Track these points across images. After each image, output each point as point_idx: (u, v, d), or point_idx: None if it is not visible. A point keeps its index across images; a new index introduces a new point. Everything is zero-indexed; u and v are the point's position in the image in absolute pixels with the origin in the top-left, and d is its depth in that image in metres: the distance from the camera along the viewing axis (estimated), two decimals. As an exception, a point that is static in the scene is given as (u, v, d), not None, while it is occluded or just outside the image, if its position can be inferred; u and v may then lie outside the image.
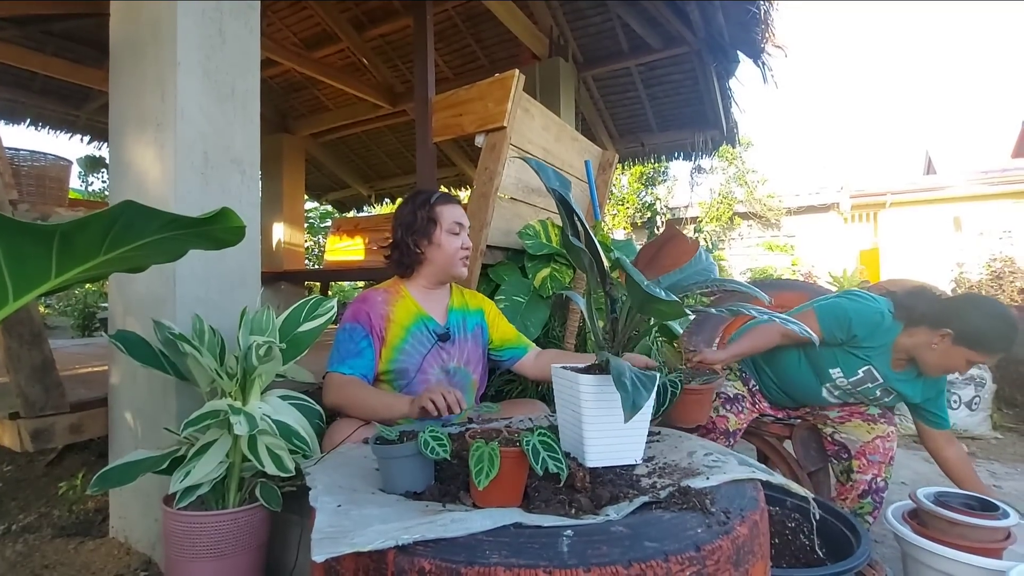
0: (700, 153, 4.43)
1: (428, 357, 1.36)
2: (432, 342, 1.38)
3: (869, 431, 1.58)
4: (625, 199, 10.69)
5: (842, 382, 1.56)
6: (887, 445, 1.54)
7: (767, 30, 2.88)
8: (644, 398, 0.71)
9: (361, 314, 1.32)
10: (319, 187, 6.74)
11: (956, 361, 1.41)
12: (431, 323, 1.39)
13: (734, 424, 1.67)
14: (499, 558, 0.62)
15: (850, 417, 1.64)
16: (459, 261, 1.42)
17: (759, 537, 0.75)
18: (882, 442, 1.55)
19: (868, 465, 1.54)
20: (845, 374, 1.54)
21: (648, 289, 0.77)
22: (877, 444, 1.55)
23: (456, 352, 1.41)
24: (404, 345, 1.34)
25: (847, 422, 1.64)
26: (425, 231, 1.39)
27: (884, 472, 1.54)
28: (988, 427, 3.09)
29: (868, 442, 1.56)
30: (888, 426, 1.58)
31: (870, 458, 1.55)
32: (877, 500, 1.54)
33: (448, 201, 1.45)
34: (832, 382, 1.58)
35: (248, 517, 1.16)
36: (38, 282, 0.74)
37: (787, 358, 1.65)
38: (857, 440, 1.59)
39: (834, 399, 1.63)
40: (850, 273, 6.24)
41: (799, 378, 1.64)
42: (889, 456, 1.54)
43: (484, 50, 4.12)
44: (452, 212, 1.43)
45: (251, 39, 1.51)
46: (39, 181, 1.86)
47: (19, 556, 1.44)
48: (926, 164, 13.31)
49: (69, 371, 1.91)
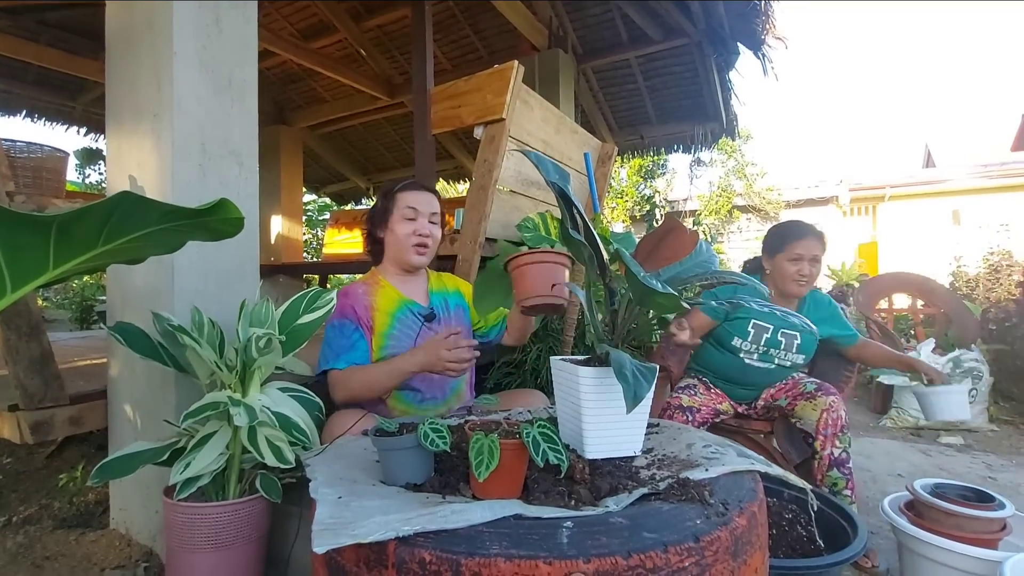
0: (699, 146, 4.42)
1: (418, 339, 1.37)
2: (419, 324, 1.39)
3: (814, 408, 1.65)
4: (624, 192, 10.67)
5: (747, 346, 1.74)
6: (832, 416, 1.60)
7: (767, 21, 2.86)
8: (645, 389, 0.71)
9: (347, 308, 1.33)
10: (317, 179, 6.71)
11: (784, 270, 1.70)
12: (414, 306, 1.41)
13: (687, 402, 1.75)
14: (499, 549, 0.62)
15: (795, 401, 1.72)
16: (411, 248, 1.39)
17: (757, 528, 0.75)
18: (827, 414, 1.60)
19: (825, 441, 1.60)
20: (743, 337, 1.74)
21: (646, 281, 0.77)
22: (824, 418, 1.61)
23: (443, 330, 1.42)
24: (392, 331, 1.36)
25: (795, 407, 1.72)
26: (383, 218, 1.41)
27: (839, 442, 1.59)
28: (985, 420, 3.11)
29: (818, 419, 1.62)
30: (827, 396, 1.63)
31: (823, 433, 1.60)
32: (845, 472, 1.58)
33: (410, 188, 1.43)
34: (743, 351, 1.76)
35: (248, 508, 1.17)
36: (36, 274, 0.73)
37: (707, 352, 1.84)
38: (810, 421, 1.67)
39: (760, 365, 1.76)
40: (848, 266, 6.26)
41: (722, 362, 1.81)
42: (839, 426, 1.59)
43: (483, 41, 4.09)
44: (408, 198, 1.40)
45: (248, 29, 1.49)
46: (36, 173, 1.85)
47: (20, 548, 1.45)
48: (925, 157, 13.29)
49: (68, 364, 1.90)
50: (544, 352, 2.14)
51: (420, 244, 1.40)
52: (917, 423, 3.11)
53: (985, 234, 7.60)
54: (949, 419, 1.60)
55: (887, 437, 2.95)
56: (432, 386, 1.37)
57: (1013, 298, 3.96)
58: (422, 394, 1.36)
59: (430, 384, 1.37)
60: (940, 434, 2.99)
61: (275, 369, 1.28)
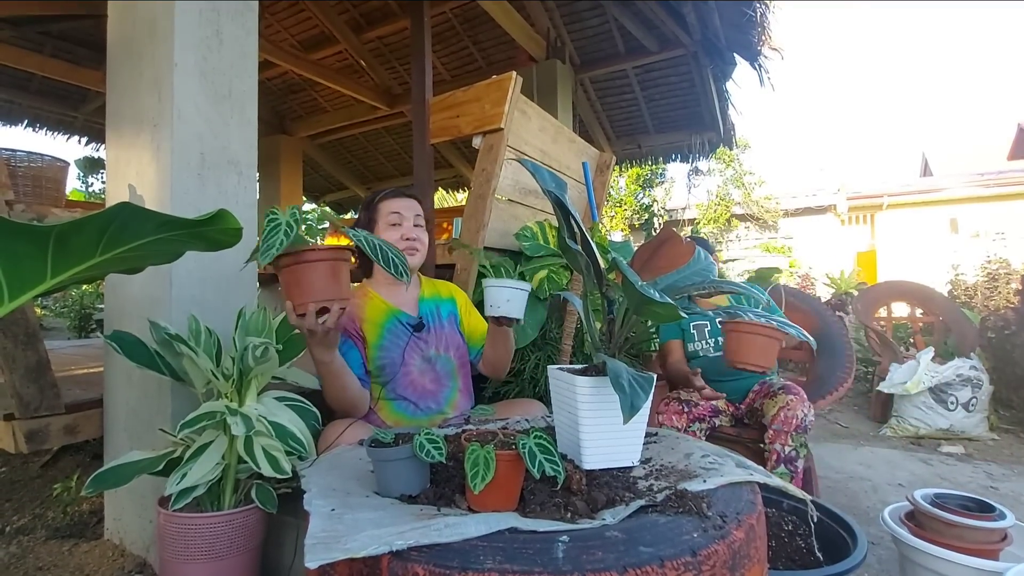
0: (697, 155, 4.44)
1: (407, 349, 1.37)
2: (408, 334, 1.38)
3: (774, 405, 1.66)
4: (623, 201, 10.71)
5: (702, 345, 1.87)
6: (788, 414, 1.60)
7: (763, 32, 2.89)
8: (642, 400, 0.70)
9: None
10: (317, 189, 6.73)
11: None
12: (403, 316, 1.40)
13: (686, 395, 1.79)
14: (493, 564, 0.62)
15: (764, 399, 1.75)
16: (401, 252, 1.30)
17: (756, 541, 0.75)
18: (783, 411, 1.61)
19: (775, 435, 1.61)
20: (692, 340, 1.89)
21: (643, 290, 0.77)
22: (779, 414, 1.61)
23: (433, 340, 1.42)
24: (382, 342, 1.35)
25: (765, 404, 1.74)
26: (368, 229, 1.40)
27: (792, 440, 1.59)
28: (985, 428, 3.10)
29: (774, 415, 1.63)
30: (787, 395, 1.64)
31: (775, 428, 1.61)
32: (792, 469, 1.60)
33: (391, 196, 1.43)
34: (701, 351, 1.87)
35: (243, 519, 1.16)
36: (33, 283, 0.73)
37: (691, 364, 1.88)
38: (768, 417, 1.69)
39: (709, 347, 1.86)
40: (847, 275, 6.27)
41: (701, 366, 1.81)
42: (794, 424, 1.59)
43: (481, 52, 4.13)
44: (391, 204, 1.41)
45: (248, 40, 1.50)
46: (36, 182, 1.86)
47: (12, 558, 1.44)
48: (922, 166, 13.37)
49: (65, 372, 1.90)
50: (542, 361, 2.14)
51: (409, 247, 1.39)
52: (918, 432, 3.10)
53: (982, 242, 7.62)
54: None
55: (887, 446, 2.94)
56: (424, 397, 1.37)
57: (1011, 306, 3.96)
58: (415, 405, 1.36)
59: (422, 394, 1.36)
60: (941, 443, 2.98)
61: (274, 379, 1.28)
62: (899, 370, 3.25)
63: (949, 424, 3.06)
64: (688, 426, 1.76)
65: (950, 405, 3.08)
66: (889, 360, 3.48)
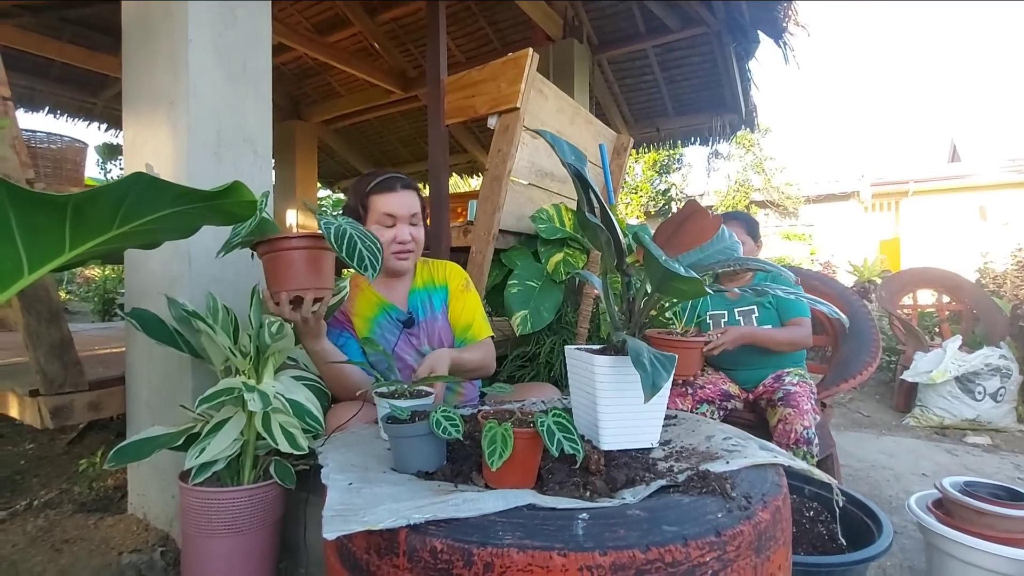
0: (718, 138, 4.34)
1: (399, 344, 1.33)
2: (399, 330, 1.34)
3: (774, 415, 1.64)
4: (639, 187, 10.56)
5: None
6: (785, 428, 1.58)
7: (789, 8, 2.79)
8: (664, 379, 0.68)
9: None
10: (332, 174, 6.75)
11: None
12: (393, 311, 1.35)
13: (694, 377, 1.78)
14: (513, 539, 0.60)
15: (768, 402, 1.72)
16: (391, 256, 1.29)
17: (781, 523, 0.73)
18: (781, 424, 1.59)
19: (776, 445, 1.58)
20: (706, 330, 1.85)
21: (668, 265, 0.74)
22: (778, 427, 1.59)
23: (424, 335, 1.36)
24: (373, 337, 1.32)
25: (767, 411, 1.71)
26: (356, 218, 1.29)
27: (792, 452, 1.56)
28: (1013, 419, 3.01)
29: (773, 425, 1.61)
30: (786, 408, 1.61)
31: (775, 439, 1.59)
32: None
33: (384, 189, 1.30)
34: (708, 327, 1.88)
35: (263, 494, 1.17)
36: (53, 255, 0.73)
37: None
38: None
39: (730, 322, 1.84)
40: (871, 262, 6.12)
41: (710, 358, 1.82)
42: (792, 439, 1.55)
43: (497, 33, 4.06)
44: (384, 203, 1.29)
45: (262, 17, 1.49)
46: (56, 163, 1.88)
47: (40, 531, 1.48)
48: (951, 151, 12.92)
49: (88, 352, 1.93)
50: (558, 344, 2.12)
51: (401, 252, 1.31)
52: (942, 422, 3.02)
53: (1012, 230, 7.36)
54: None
55: (910, 436, 2.87)
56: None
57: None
58: None
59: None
60: (966, 434, 2.90)
61: (290, 359, 1.28)
62: (924, 359, 3.17)
63: (976, 414, 2.98)
64: (695, 408, 1.73)
65: (977, 395, 3.00)
66: (914, 348, 3.39)
